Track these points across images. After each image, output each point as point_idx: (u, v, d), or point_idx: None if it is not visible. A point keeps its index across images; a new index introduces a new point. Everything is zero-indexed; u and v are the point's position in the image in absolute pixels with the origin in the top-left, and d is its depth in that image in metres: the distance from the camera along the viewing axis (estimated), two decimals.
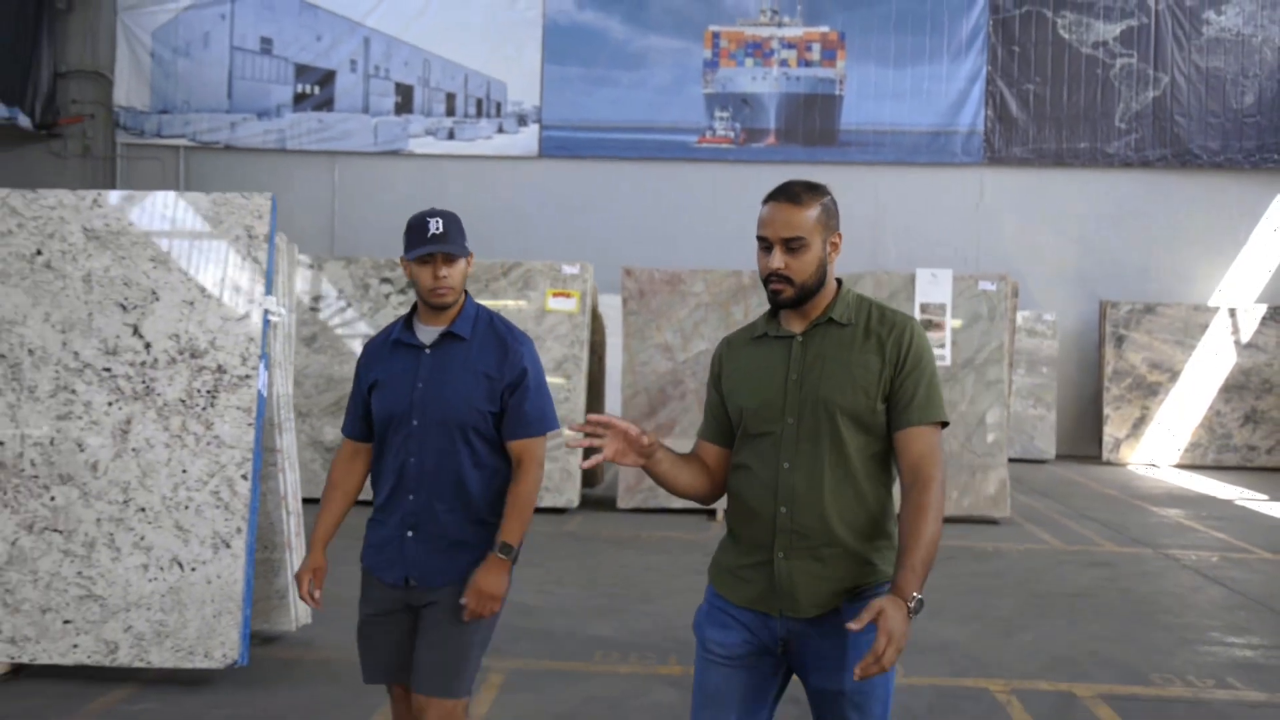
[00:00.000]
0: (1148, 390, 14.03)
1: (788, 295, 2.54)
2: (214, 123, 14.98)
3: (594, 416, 2.48)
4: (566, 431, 2.00)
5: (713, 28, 14.81)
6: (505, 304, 9.47)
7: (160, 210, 4.88)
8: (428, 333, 3.09)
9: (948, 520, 8.92)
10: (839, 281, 2.62)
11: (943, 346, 9.46)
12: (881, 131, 14.76)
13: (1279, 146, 14.53)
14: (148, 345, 4.78)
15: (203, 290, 4.82)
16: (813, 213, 2.53)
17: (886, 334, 2.55)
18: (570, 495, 9.18)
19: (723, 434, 2.71)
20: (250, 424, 4.73)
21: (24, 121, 13.99)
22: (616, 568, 7.27)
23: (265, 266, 4.86)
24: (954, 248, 14.58)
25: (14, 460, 4.73)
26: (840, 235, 2.59)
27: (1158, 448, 14.02)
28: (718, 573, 2.67)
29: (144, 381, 4.75)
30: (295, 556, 5.23)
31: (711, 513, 9.10)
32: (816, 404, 2.53)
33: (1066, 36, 14.66)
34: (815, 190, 2.57)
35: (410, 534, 3.03)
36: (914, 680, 4.92)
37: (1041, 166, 14.85)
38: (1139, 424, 14.03)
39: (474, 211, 14.07)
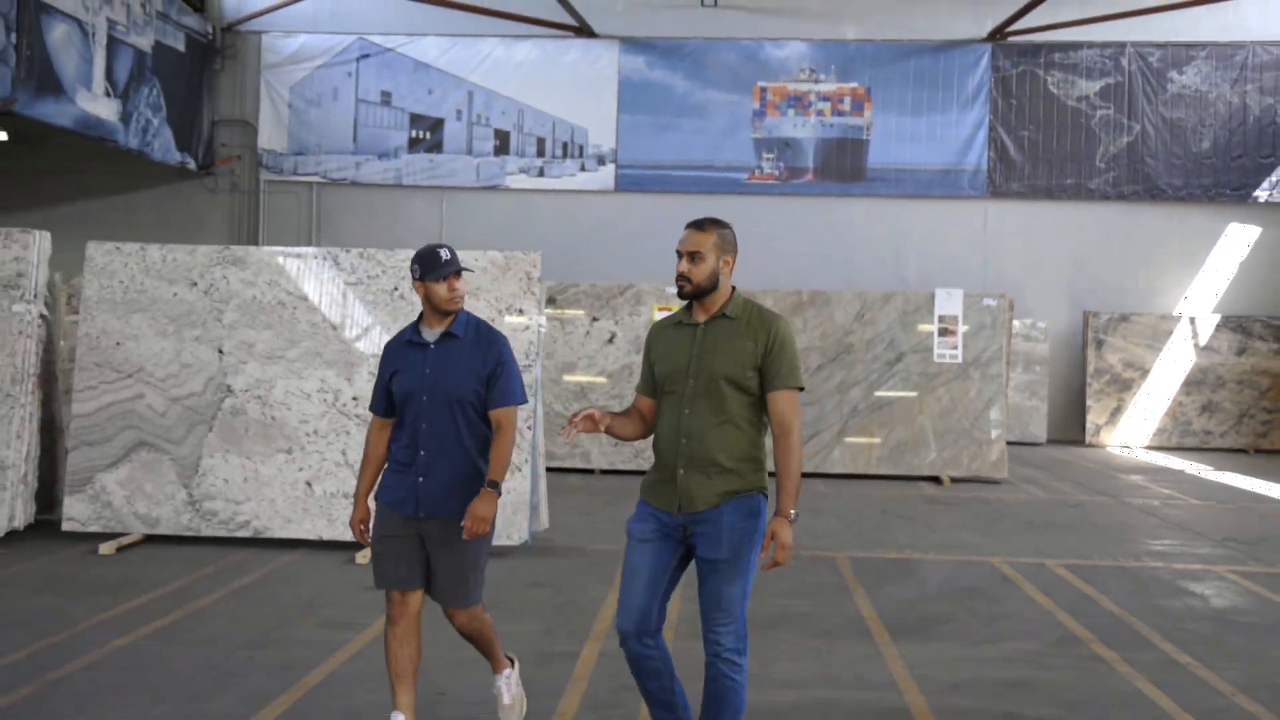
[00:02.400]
0: (1123, 385, 16.50)
1: (687, 290, 3.41)
2: (341, 163, 17.57)
3: (575, 418, 3.38)
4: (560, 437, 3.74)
5: (760, 83, 17.33)
6: (622, 318, 12.29)
7: (478, 261, 7.70)
8: (432, 334, 3.92)
9: (960, 481, 12.00)
10: (734, 288, 3.46)
11: (955, 349, 12.28)
12: (902, 170, 17.20)
13: (1231, 183, 16.87)
14: None
15: (500, 311, 7.66)
16: (711, 238, 3.39)
17: (760, 327, 3.37)
18: None
19: (652, 390, 3.54)
20: (531, 395, 7.56)
21: (190, 164, 16.81)
22: None
23: (538, 297, 7.70)
24: (962, 266, 16.92)
25: None
26: (733, 258, 3.42)
27: (1131, 432, 16.48)
28: (645, 486, 3.51)
29: None
30: (543, 481, 8.06)
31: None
32: (709, 371, 3.34)
33: (1055, 91, 17.08)
34: (717, 223, 3.44)
35: (421, 479, 3.82)
36: (943, 558, 7.76)
37: (1035, 199, 17.10)
38: (1115, 413, 16.51)
39: (561, 237, 17.24)
